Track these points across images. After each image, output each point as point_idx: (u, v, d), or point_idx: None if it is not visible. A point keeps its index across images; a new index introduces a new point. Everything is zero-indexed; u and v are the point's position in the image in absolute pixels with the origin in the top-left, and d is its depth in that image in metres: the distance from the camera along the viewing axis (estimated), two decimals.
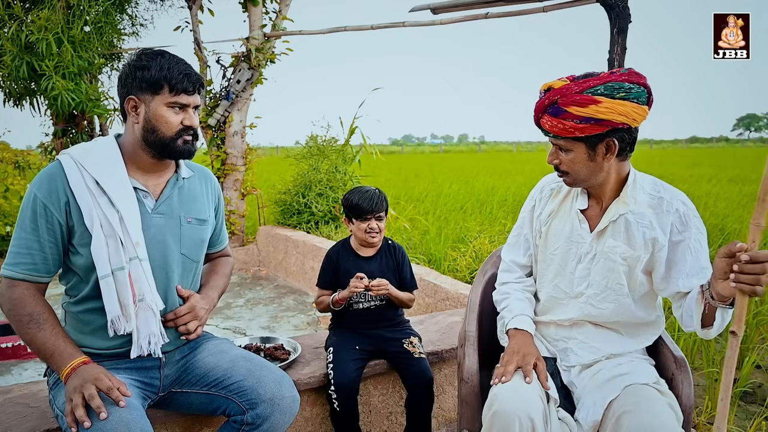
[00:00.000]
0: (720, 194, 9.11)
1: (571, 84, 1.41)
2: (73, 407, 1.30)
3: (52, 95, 5.18)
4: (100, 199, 1.44)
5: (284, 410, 1.53)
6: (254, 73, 5.94)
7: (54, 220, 1.43)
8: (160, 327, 1.51)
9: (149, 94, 1.47)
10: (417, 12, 3.33)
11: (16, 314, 1.42)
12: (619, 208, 1.51)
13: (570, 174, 1.50)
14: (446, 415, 2.38)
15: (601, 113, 1.35)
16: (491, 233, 5.12)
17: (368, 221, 2.10)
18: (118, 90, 1.54)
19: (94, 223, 1.43)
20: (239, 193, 6.20)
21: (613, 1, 2.42)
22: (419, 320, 2.65)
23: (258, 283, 5.36)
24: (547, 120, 1.44)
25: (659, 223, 1.48)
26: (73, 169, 1.45)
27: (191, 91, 1.51)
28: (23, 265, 1.42)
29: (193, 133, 1.54)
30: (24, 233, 1.43)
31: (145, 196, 1.54)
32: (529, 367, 1.49)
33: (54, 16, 5.13)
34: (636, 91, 1.36)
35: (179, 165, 1.64)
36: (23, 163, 6.29)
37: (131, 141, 1.53)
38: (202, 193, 1.69)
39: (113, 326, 1.45)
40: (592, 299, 1.56)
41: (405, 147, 58.33)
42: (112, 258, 1.44)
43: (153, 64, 1.46)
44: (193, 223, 1.62)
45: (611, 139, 1.41)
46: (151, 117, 1.48)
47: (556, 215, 1.64)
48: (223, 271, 1.81)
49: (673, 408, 1.35)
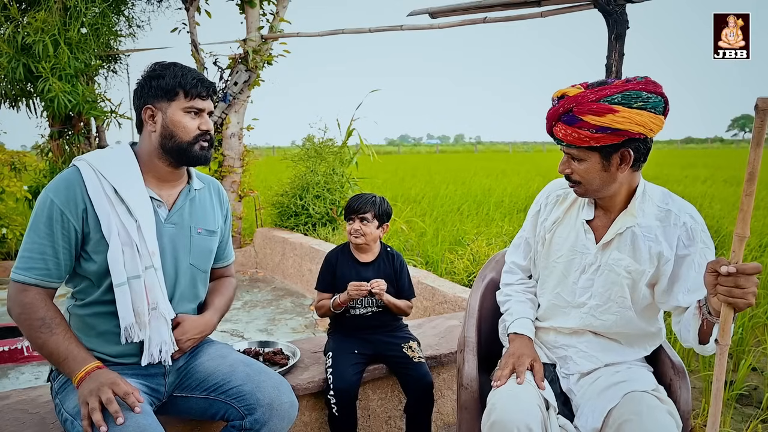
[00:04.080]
0: (715, 195, 9.14)
1: (586, 92, 1.37)
2: (89, 411, 1.30)
3: (49, 97, 5.16)
4: (118, 207, 1.46)
5: (282, 415, 1.54)
6: (251, 75, 5.93)
7: (70, 227, 1.43)
8: (170, 335, 1.53)
9: (165, 101, 1.51)
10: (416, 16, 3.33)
11: (28, 318, 1.41)
12: (626, 221, 1.49)
13: (582, 184, 1.46)
14: (445, 419, 2.38)
15: (618, 123, 1.32)
16: (488, 235, 5.13)
17: (352, 222, 2.13)
18: (133, 103, 1.57)
19: (111, 232, 1.44)
20: (236, 195, 6.20)
21: (611, 8, 2.43)
22: (417, 324, 2.66)
23: (255, 286, 5.36)
24: (561, 128, 1.40)
25: (665, 236, 1.46)
26: (91, 176, 1.46)
27: (205, 96, 1.55)
28: (36, 270, 1.42)
29: (209, 138, 1.57)
30: (38, 238, 1.42)
31: (159, 206, 1.56)
32: (522, 368, 1.50)
33: (50, 18, 5.11)
34: (653, 100, 1.33)
35: (191, 176, 1.66)
36: (19, 165, 6.25)
37: (147, 150, 1.55)
38: (213, 204, 1.72)
39: (126, 333, 1.47)
40: (594, 310, 1.55)
41: (401, 147, 58.37)
42: (128, 266, 1.45)
43: (167, 73, 1.51)
44: (203, 234, 1.65)
45: (626, 149, 1.38)
46: (169, 123, 1.51)
47: (560, 223, 1.62)
48: (227, 293, 1.82)
49: (672, 415, 1.35)
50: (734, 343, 3.13)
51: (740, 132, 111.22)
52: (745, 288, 1.14)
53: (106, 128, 6.39)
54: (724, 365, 1.18)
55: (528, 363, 1.53)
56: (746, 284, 1.13)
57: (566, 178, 1.50)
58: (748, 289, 1.14)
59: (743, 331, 3.18)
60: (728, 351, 1.21)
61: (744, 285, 1.14)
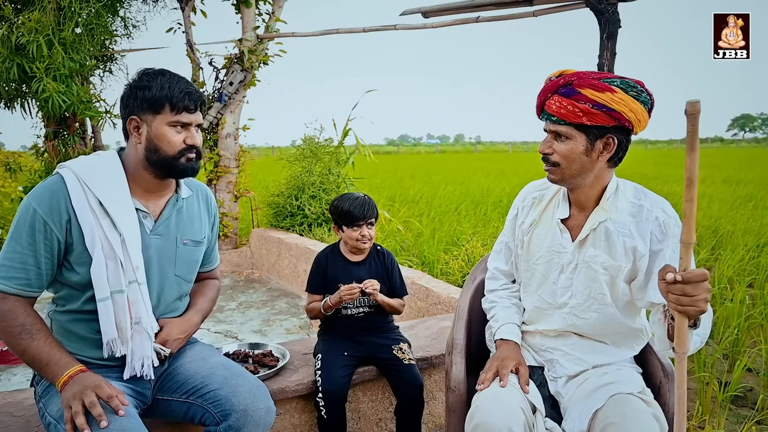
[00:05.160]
0: (714, 195, 9.13)
1: (588, 71, 1.42)
2: (73, 414, 1.29)
3: (43, 97, 5.13)
4: (102, 220, 1.43)
5: (257, 422, 1.50)
6: (247, 75, 5.92)
7: (53, 237, 1.40)
8: (152, 350, 1.52)
9: (151, 113, 1.47)
10: (408, 15, 3.32)
11: (7, 326, 1.39)
12: (598, 216, 1.49)
13: (560, 167, 1.45)
14: (436, 421, 2.37)
15: (615, 103, 1.34)
16: (484, 235, 5.12)
17: (360, 228, 2.08)
18: (120, 111, 1.54)
19: (95, 245, 1.41)
20: (232, 195, 6.18)
21: (603, 7, 2.41)
22: (410, 325, 2.64)
23: (251, 286, 5.34)
24: (556, 100, 1.40)
25: (639, 231, 1.46)
26: (75, 186, 1.43)
27: (193, 110, 1.51)
28: (16, 279, 1.40)
29: (196, 151, 1.54)
30: (19, 247, 1.40)
31: (145, 217, 1.54)
32: (506, 371, 1.49)
33: (45, 18, 5.09)
34: (645, 96, 1.38)
35: (179, 184, 1.63)
36: (14, 165, 6.24)
37: (133, 160, 1.53)
38: (200, 213, 1.69)
39: (108, 348, 1.46)
40: (575, 309, 1.54)
41: (401, 147, 58.39)
42: (111, 280, 1.43)
43: (154, 84, 1.46)
44: (189, 244, 1.62)
45: (612, 136, 1.40)
46: (153, 137, 1.48)
47: (537, 225, 1.62)
48: (210, 294, 1.80)
49: (658, 419, 1.34)
50: (730, 344, 3.11)
51: (740, 132, 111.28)
52: (693, 296, 1.11)
53: (101, 128, 6.38)
54: (683, 373, 1.14)
55: (512, 366, 1.51)
56: (694, 292, 1.11)
57: (544, 160, 1.49)
58: (697, 297, 1.11)
59: (739, 332, 3.17)
60: (686, 358, 1.14)
61: (691, 293, 1.11)
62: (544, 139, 1.48)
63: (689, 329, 1.22)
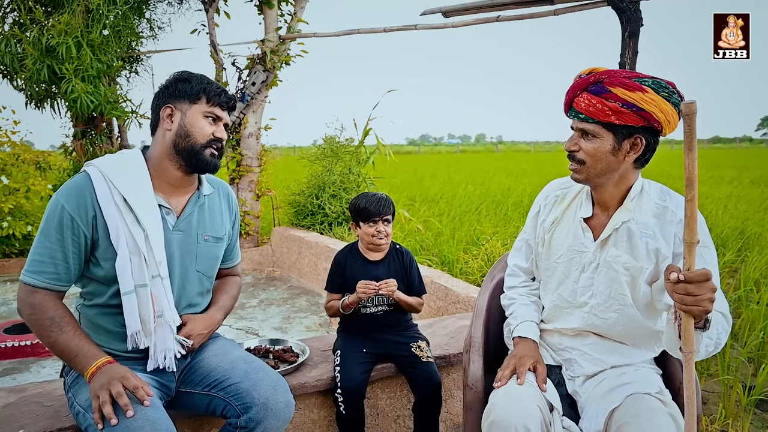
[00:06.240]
0: (741, 196, 8.94)
1: (619, 70, 1.40)
2: (100, 404, 1.34)
3: (72, 98, 5.28)
4: (126, 216, 1.48)
5: (277, 415, 1.54)
6: (269, 75, 5.98)
7: (80, 233, 1.45)
8: (175, 342, 1.56)
9: (187, 102, 1.56)
10: (429, 15, 3.32)
11: (37, 318, 1.45)
12: (622, 216, 1.48)
13: (585, 165, 1.44)
14: (454, 420, 2.37)
15: (646, 102, 1.33)
16: (504, 235, 5.10)
17: (376, 224, 2.10)
18: (153, 103, 1.61)
19: (119, 240, 1.46)
20: (254, 194, 6.26)
21: (625, 5, 2.39)
22: (428, 324, 2.65)
23: (272, 284, 5.40)
24: (585, 98, 1.39)
25: (663, 233, 1.44)
26: (101, 183, 1.48)
27: (225, 107, 1.60)
28: (46, 274, 1.45)
29: (220, 146, 1.61)
30: (48, 242, 1.45)
31: (168, 213, 1.58)
32: (523, 369, 1.48)
33: (74, 21, 5.22)
34: (676, 97, 1.36)
35: (201, 181, 1.68)
36: (44, 164, 6.41)
37: (159, 152, 1.58)
38: (221, 210, 1.74)
39: (132, 340, 1.50)
40: (595, 309, 1.53)
41: (422, 147, 58.27)
42: (135, 274, 1.48)
43: (194, 78, 1.58)
44: (210, 241, 1.67)
45: (640, 136, 1.38)
46: (186, 123, 1.55)
47: (559, 223, 1.61)
48: (232, 292, 1.84)
49: (674, 419, 1.32)
50: (755, 348, 3.05)
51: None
52: (697, 295, 1.10)
53: (128, 128, 6.52)
54: (691, 372, 1.13)
55: (530, 364, 1.51)
56: (697, 291, 1.10)
57: (569, 157, 1.47)
58: (701, 296, 1.10)
59: (764, 335, 3.10)
60: (693, 358, 1.13)
61: (695, 292, 1.10)
62: (570, 137, 1.47)
63: (698, 330, 1.21)
